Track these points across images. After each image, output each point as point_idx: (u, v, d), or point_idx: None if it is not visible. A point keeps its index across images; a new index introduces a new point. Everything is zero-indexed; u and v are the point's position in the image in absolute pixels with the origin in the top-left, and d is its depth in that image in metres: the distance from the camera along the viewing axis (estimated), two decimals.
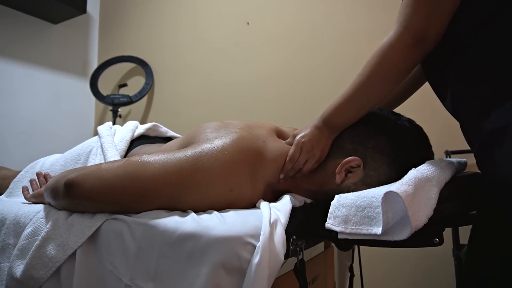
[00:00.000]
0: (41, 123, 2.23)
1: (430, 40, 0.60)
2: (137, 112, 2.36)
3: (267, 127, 0.80)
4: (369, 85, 0.66)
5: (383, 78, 0.65)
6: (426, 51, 0.62)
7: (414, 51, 0.61)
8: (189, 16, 2.23)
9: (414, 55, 0.62)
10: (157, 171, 0.62)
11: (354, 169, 0.70)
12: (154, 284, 0.55)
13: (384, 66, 0.64)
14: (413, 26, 0.60)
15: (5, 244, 0.72)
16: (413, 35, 0.60)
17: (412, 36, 0.60)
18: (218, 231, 0.52)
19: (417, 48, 0.61)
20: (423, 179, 0.55)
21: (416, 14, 0.60)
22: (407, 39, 0.61)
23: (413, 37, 0.60)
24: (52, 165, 1.06)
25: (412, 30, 0.60)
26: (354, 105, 0.70)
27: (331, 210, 0.62)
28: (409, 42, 0.61)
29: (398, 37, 0.62)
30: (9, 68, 2.10)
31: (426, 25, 0.59)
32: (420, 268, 1.46)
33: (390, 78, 0.65)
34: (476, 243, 0.63)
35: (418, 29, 0.60)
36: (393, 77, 0.65)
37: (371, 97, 0.68)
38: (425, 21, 0.59)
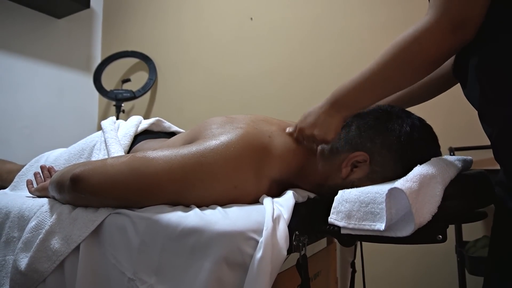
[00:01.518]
0: (44, 118, 2.23)
1: (469, 28, 0.55)
2: (141, 107, 2.36)
3: (274, 122, 0.79)
4: (392, 69, 0.61)
5: (409, 63, 0.60)
6: (463, 40, 0.57)
7: (451, 37, 0.56)
8: (193, 11, 2.22)
9: (450, 42, 0.57)
10: (161, 167, 0.62)
11: (360, 164, 0.69)
12: (157, 278, 0.55)
13: (413, 49, 0.59)
14: (451, 10, 0.55)
15: (9, 237, 0.72)
16: (452, 20, 0.55)
17: (450, 21, 0.55)
18: (221, 226, 0.52)
19: (454, 35, 0.56)
20: (428, 176, 0.55)
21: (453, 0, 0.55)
22: (445, 23, 0.56)
23: (451, 22, 0.55)
24: (56, 159, 1.07)
25: (450, 15, 0.55)
26: (373, 88, 0.65)
27: (335, 205, 0.62)
28: (446, 27, 0.56)
29: (435, 21, 0.56)
30: (13, 62, 2.11)
31: (466, 10, 0.54)
32: (422, 265, 1.46)
33: (418, 63, 0.60)
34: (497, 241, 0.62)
35: (458, 14, 0.55)
36: (421, 63, 0.60)
37: (394, 82, 0.63)
38: (465, 6, 0.54)
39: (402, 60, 0.60)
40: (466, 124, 1.41)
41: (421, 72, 0.62)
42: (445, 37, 0.57)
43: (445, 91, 0.86)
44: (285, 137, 0.76)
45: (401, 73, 0.62)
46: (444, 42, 0.57)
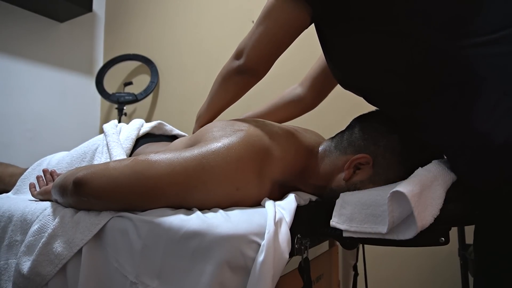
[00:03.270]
0: (47, 121, 2.24)
1: (244, 60, 0.79)
2: (142, 110, 2.37)
3: (275, 126, 0.79)
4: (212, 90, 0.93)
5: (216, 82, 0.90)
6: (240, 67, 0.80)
7: (233, 62, 0.83)
8: (194, 15, 2.23)
9: (231, 65, 0.83)
10: (163, 170, 0.62)
11: (363, 166, 0.69)
12: (159, 282, 0.55)
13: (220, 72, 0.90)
14: (240, 43, 0.81)
15: (12, 240, 0.72)
16: (236, 49, 0.82)
17: (236, 50, 0.82)
18: (223, 229, 0.52)
19: (235, 59, 0.82)
20: (430, 179, 0.55)
21: (245, 36, 0.81)
22: (234, 52, 0.83)
23: (236, 50, 0.82)
24: (59, 162, 1.07)
25: (237, 46, 0.81)
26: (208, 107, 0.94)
27: (336, 208, 0.62)
28: (233, 53, 0.83)
29: None
30: (15, 66, 2.12)
31: (244, 45, 0.79)
32: (425, 268, 1.46)
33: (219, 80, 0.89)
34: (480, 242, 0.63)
35: (240, 45, 0.81)
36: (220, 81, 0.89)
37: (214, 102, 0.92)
38: (245, 42, 0.79)
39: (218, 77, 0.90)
40: None
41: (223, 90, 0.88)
42: (230, 59, 0.83)
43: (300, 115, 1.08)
44: (286, 139, 0.76)
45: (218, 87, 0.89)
46: (229, 63, 0.84)
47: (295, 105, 1.05)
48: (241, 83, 0.84)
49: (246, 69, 0.79)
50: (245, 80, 0.83)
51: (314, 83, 1.02)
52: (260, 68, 0.80)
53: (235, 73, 0.82)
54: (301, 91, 1.04)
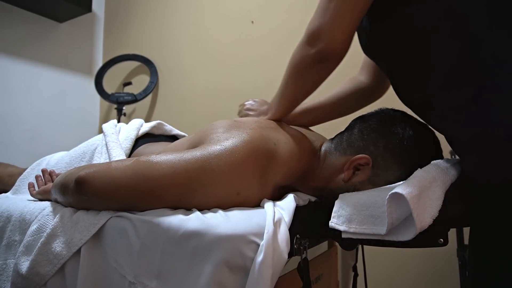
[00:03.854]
0: (46, 121, 2.24)
1: (326, 42, 0.65)
2: (142, 111, 2.36)
3: (281, 130, 0.79)
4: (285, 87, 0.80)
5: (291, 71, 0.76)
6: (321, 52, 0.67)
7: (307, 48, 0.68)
8: (194, 15, 2.23)
9: (307, 52, 0.69)
10: (165, 171, 0.62)
11: (362, 167, 0.69)
12: (158, 282, 0.55)
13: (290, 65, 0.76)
14: (308, 26, 0.68)
15: (11, 240, 0.72)
16: (307, 34, 0.68)
17: (306, 35, 0.68)
18: (222, 229, 0.52)
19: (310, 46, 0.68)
20: (429, 180, 0.55)
21: (314, 15, 0.67)
22: (304, 37, 0.69)
23: (307, 35, 0.68)
24: (58, 162, 1.07)
25: (307, 30, 0.68)
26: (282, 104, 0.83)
27: (335, 209, 0.62)
28: (304, 39, 0.69)
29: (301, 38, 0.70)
30: (15, 66, 2.12)
31: (319, 25, 0.65)
32: (424, 268, 1.46)
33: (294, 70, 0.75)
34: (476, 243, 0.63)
35: (312, 28, 0.67)
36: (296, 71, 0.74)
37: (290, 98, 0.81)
38: (319, 21, 0.65)
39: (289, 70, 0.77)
40: None
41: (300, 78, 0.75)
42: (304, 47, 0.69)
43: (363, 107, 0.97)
44: (290, 144, 0.75)
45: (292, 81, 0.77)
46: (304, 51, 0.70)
47: (361, 94, 0.94)
48: (322, 73, 0.72)
49: (328, 54, 0.67)
50: (327, 69, 0.71)
51: (375, 69, 0.91)
52: (344, 48, 0.67)
53: (314, 63, 0.69)
54: (364, 78, 0.94)
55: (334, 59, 0.68)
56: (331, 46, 0.66)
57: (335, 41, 0.65)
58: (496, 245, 0.57)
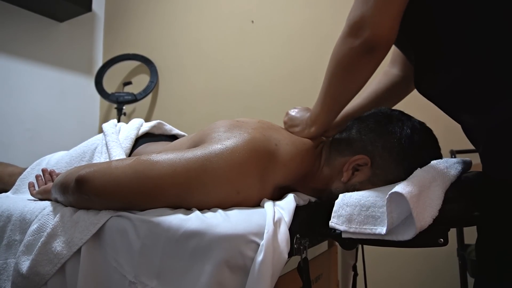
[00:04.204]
0: (46, 121, 2.24)
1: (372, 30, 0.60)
2: (142, 110, 2.37)
3: (282, 132, 0.79)
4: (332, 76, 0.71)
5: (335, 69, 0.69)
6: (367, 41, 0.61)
7: (352, 40, 0.63)
8: (194, 14, 2.23)
9: (352, 44, 0.63)
10: (165, 171, 0.62)
11: (361, 167, 0.69)
12: (158, 281, 0.55)
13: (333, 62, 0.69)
14: (349, 17, 0.63)
15: (11, 240, 0.72)
16: (349, 25, 0.63)
17: (349, 25, 0.63)
18: (222, 229, 0.52)
19: (355, 37, 0.62)
20: (428, 180, 0.55)
21: (355, 4, 0.62)
22: (346, 28, 0.64)
23: (350, 26, 0.63)
24: (58, 162, 1.07)
25: (348, 22, 0.63)
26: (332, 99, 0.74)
27: (335, 209, 0.62)
28: (347, 31, 0.63)
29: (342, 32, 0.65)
30: (15, 65, 2.12)
31: (362, 13, 0.60)
32: (424, 268, 1.46)
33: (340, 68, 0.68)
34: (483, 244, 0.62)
35: (354, 18, 0.62)
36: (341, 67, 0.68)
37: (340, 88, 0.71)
38: (361, 10, 0.60)
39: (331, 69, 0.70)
40: None
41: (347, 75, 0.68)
42: (347, 40, 0.64)
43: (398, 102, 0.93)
44: (292, 146, 0.75)
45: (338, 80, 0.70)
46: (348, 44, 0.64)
47: (397, 88, 0.89)
48: (371, 65, 0.65)
49: (376, 42, 0.61)
50: (376, 59, 0.64)
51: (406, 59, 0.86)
52: (392, 34, 0.61)
53: (360, 54, 0.63)
54: (397, 71, 0.89)
55: (382, 48, 0.63)
56: (378, 33, 0.60)
57: (381, 27, 0.60)
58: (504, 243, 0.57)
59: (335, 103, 0.74)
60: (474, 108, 0.59)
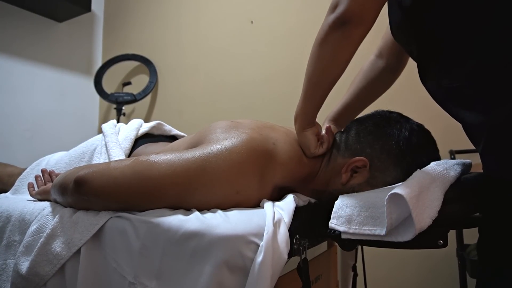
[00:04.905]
0: (45, 121, 2.24)
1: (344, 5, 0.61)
2: (141, 111, 2.36)
3: (280, 130, 0.79)
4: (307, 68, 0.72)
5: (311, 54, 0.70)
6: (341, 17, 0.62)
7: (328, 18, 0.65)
8: (193, 15, 2.23)
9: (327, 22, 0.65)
10: (164, 171, 0.62)
11: (360, 169, 0.69)
12: (158, 282, 0.55)
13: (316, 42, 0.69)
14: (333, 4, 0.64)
15: (10, 240, 0.72)
16: (330, 4, 0.65)
17: (330, 6, 0.65)
18: (221, 229, 0.52)
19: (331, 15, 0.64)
20: (428, 181, 0.55)
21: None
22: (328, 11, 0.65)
23: (330, 5, 0.65)
24: (57, 162, 1.07)
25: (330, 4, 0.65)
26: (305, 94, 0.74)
27: (335, 210, 0.62)
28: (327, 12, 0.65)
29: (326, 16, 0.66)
30: (14, 66, 2.12)
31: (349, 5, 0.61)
32: (423, 268, 1.46)
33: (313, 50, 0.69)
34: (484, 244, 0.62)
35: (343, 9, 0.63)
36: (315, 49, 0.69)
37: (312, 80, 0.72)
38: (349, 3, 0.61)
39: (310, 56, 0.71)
40: None
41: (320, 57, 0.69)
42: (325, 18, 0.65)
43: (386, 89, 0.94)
44: (290, 146, 0.75)
45: (311, 67, 0.71)
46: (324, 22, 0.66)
47: (383, 81, 0.92)
48: (342, 40, 0.64)
49: (347, 16, 0.62)
50: (347, 33, 0.63)
51: (395, 50, 0.88)
52: (365, 12, 0.62)
53: (333, 29, 0.63)
54: (383, 63, 0.91)
55: (353, 24, 0.62)
56: (350, 9, 0.61)
57: (355, 4, 0.61)
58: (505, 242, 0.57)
59: (315, 88, 0.72)
60: (475, 106, 0.59)
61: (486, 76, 0.56)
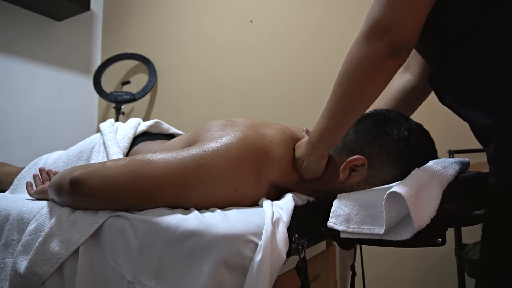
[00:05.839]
0: (44, 120, 2.23)
1: (397, 31, 0.55)
2: (140, 110, 2.36)
3: (275, 128, 0.79)
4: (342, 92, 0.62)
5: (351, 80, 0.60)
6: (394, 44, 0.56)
7: (377, 43, 0.56)
8: (192, 14, 2.23)
9: (378, 48, 0.56)
10: (161, 170, 0.62)
11: (358, 168, 0.69)
12: (157, 281, 0.55)
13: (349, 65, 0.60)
14: (374, 18, 0.56)
15: (9, 240, 0.72)
16: (373, 27, 0.56)
17: (372, 28, 0.56)
18: (220, 229, 0.52)
19: (380, 41, 0.56)
20: (426, 179, 0.55)
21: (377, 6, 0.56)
22: (367, 32, 0.57)
23: (373, 29, 0.56)
24: (55, 161, 1.07)
25: (372, 22, 0.56)
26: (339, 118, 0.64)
27: (334, 209, 0.62)
28: (369, 35, 0.57)
29: (361, 32, 0.58)
30: (13, 65, 2.11)
31: (388, 15, 0.55)
32: (422, 267, 1.46)
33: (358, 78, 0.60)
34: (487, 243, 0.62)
35: (379, 19, 0.56)
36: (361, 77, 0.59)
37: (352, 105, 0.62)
38: (388, 11, 0.55)
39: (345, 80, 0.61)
40: (466, 127, 1.40)
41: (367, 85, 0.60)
42: (372, 44, 0.57)
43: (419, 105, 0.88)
44: (285, 144, 0.75)
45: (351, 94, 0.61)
46: (372, 49, 0.57)
47: (415, 96, 0.85)
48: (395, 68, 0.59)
49: (402, 45, 0.56)
50: (400, 63, 0.59)
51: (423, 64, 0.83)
52: (416, 38, 0.57)
53: (386, 57, 0.56)
54: (413, 78, 0.85)
55: (406, 51, 0.57)
56: (405, 35, 0.55)
57: (408, 30, 0.55)
58: None
59: (347, 114, 0.63)
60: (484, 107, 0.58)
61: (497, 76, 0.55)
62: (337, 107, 0.63)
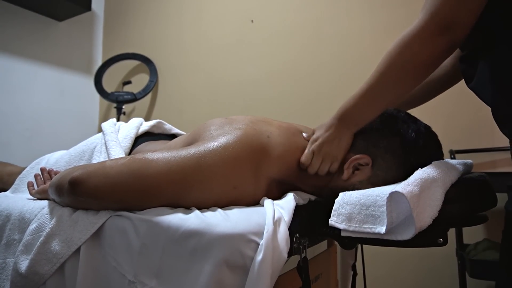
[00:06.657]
0: (45, 120, 2.24)
1: (459, 29, 0.56)
2: (141, 110, 2.36)
3: (273, 123, 0.79)
4: (388, 78, 0.62)
5: (403, 69, 0.61)
6: (454, 41, 0.57)
7: (439, 40, 0.57)
8: (193, 14, 2.23)
9: (439, 45, 0.57)
10: (160, 169, 0.62)
11: (362, 167, 0.69)
12: (158, 281, 0.55)
13: (405, 55, 0.60)
14: (439, 12, 0.56)
15: (10, 239, 0.72)
16: (439, 22, 0.56)
17: (437, 23, 0.56)
18: (221, 228, 0.52)
19: (442, 37, 0.56)
20: (429, 180, 0.55)
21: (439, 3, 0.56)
22: (432, 26, 0.57)
23: (438, 24, 0.56)
24: (57, 161, 1.07)
25: (437, 17, 0.56)
26: (374, 100, 0.65)
27: (335, 208, 0.62)
28: (433, 30, 0.57)
29: (423, 25, 0.57)
30: (14, 65, 2.12)
31: (454, 12, 0.55)
32: (423, 268, 1.46)
33: (411, 69, 0.60)
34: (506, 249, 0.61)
35: (445, 15, 0.56)
36: (414, 69, 0.60)
37: (392, 91, 0.64)
38: (454, 8, 0.55)
39: (396, 68, 0.61)
40: (467, 127, 1.41)
41: (417, 77, 0.62)
42: (434, 40, 0.57)
43: (445, 90, 0.88)
44: (284, 138, 0.75)
45: (397, 81, 0.62)
46: (435, 45, 0.58)
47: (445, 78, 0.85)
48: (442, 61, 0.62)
49: (459, 41, 0.58)
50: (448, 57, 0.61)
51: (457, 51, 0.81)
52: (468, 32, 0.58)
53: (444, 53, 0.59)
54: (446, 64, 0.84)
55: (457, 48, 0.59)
56: (464, 33, 0.56)
57: (468, 28, 0.56)
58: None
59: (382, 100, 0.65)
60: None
61: None
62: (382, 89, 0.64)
